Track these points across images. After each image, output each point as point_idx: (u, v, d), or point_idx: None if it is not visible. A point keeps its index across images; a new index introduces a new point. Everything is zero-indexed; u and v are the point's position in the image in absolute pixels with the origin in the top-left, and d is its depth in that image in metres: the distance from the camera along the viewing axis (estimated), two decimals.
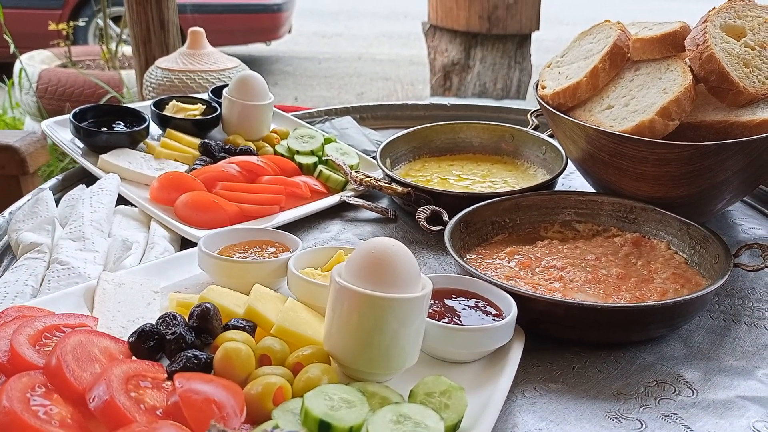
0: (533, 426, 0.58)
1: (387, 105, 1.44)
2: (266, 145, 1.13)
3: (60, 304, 0.62)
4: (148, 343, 0.54)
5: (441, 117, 1.43)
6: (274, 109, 1.25)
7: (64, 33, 3.78)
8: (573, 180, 1.15)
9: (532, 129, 1.18)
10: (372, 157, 1.16)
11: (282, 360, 0.55)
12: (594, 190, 1.02)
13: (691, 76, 0.85)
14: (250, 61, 7.67)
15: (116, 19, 5.05)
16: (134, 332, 0.55)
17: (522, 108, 1.40)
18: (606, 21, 1.01)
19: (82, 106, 1.05)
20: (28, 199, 0.86)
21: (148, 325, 0.55)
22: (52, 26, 3.77)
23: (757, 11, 0.90)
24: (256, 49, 7.10)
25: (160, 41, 2.45)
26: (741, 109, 0.84)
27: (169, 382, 0.50)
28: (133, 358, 0.54)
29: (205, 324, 0.56)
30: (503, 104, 1.46)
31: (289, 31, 6.53)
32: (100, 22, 5.07)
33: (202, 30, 1.38)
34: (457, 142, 1.22)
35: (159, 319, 0.58)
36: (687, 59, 0.87)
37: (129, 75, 3.53)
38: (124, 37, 4.11)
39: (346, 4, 11.32)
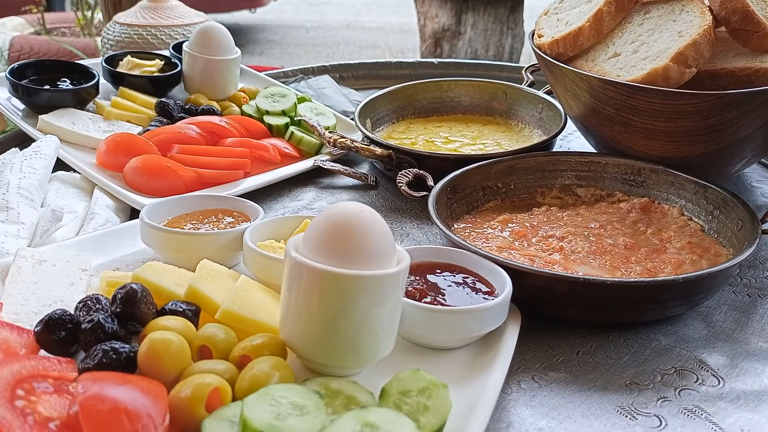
0: (532, 425, 0.49)
1: (369, 63, 1.32)
2: (232, 105, 1.02)
3: None
4: (59, 333, 0.44)
5: (428, 76, 1.30)
6: (244, 67, 1.13)
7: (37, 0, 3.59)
8: (572, 141, 1.05)
9: (527, 86, 1.07)
10: (351, 118, 1.05)
11: (226, 353, 0.45)
12: (597, 151, 0.92)
13: (711, 17, 0.74)
14: (236, 30, 7.47)
15: None
16: (41, 320, 0.44)
17: (516, 65, 1.29)
18: None
19: (21, 62, 0.93)
20: None
21: (59, 311, 0.45)
22: None
23: None
24: (241, 17, 6.89)
25: (131, 3, 2.30)
26: (766, 55, 0.73)
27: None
28: (41, 352, 0.44)
29: (131, 309, 0.46)
30: (496, 62, 1.35)
31: None
32: None
33: None
34: (445, 102, 1.10)
35: (79, 303, 0.47)
36: None
37: None
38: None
39: None
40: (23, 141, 0.89)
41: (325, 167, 0.90)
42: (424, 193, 0.75)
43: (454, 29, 4.63)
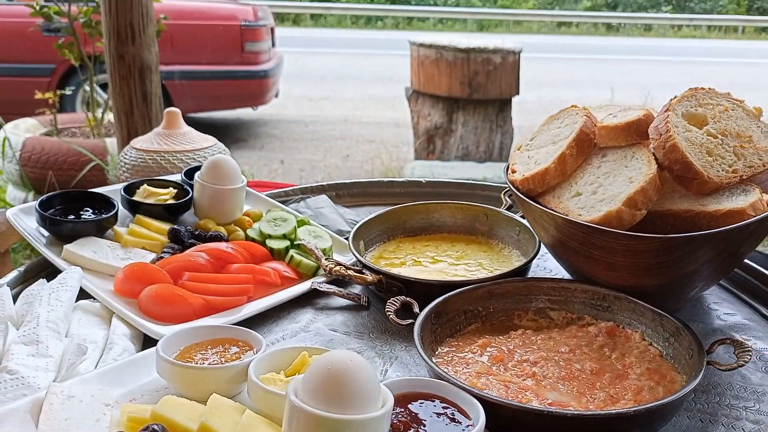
0: None
1: (363, 182, 1.45)
2: (238, 229, 1.12)
3: (4, 421, 0.59)
4: None
5: (416, 194, 1.43)
6: (249, 189, 1.24)
7: (51, 102, 3.81)
8: (548, 261, 1.14)
9: (506, 209, 1.18)
10: (345, 238, 1.15)
11: None
12: (568, 276, 1.01)
13: (656, 165, 0.85)
14: (238, 125, 7.80)
15: (105, 86, 5.13)
16: None
17: (497, 185, 1.41)
18: (573, 106, 1.03)
19: (49, 194, 1.04)
20: None
21: None
22: (39, 95, 3.81)
23: (718, 99, 0.92)
24: (243, 112, 7.22)
25: (142, 113, 2.48)
26: (707, 198, 0.84)
27: None
28: None
29: None
30: (478, 182, 1.47)
31: (276, 96, 6.66)
32: (88, 89, 5.14)
33: (178, 110, 1.39)
34: (432, 222, 1.21)
35: None
36: (651, 147, 0.88)
37: (113, 143, 3.55)
38: (111, 103, 4.16)
39: (332, 68, 11.65)
40: (47, 267, 0.98)
41: (322, 290, 0.99)
42: (410, 321, 0.83)
43: (446, 127, 4.89)
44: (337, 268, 0.97)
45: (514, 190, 0.96)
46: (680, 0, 24.42)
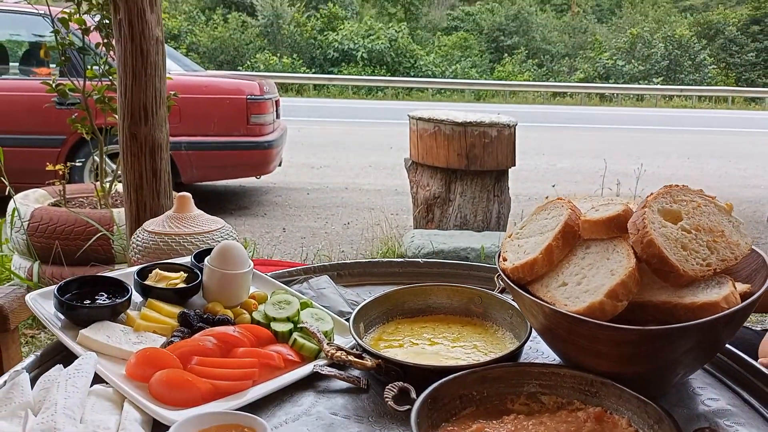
0: None
1: (363, 263, 1.51)
2: (244, 312, 1.18)
3: None
4: None
5: (415, 273, 1.49)
6: (255, 271, 1.30)
7: (61, 173, 3.94)
8: (540, 343, 1.19)
9: (499, 292, 1.24)
10: (346, 320, 1.20)
11: None
12: (559, 360, 1.06)
13: (635, 259, 0.92)
14: (241, 193, 7.95)
15: (112, 156, 5.30)
16: None
17: (491, 266, 1.47)
18: (558, 198, 1.11)
19: (67, 279, 1.10)
20: (5, 381, 0.88)
21: None
22: (50, 167, 3.94)
23: (691, 195, 1.00)
24: (247, 180, 7.39)
25: (152, 188, 2.58)
26: (684, 290, 0.90)
27: None
28: None
29: None
30: (474, 263, 1.54)
31: (279, 165, 6.83)
32: (97, 159, 5.29)
33: (188, 195, 1.48)
34: (429, 304, 1.27)
35: None
36: (631, 241, 0.95)
37: (120, 213, 3.64)
38: (120, 175, 4.29)
39: (334, 136, 11.99)
40: (63, 350, 1.03)
41: (323, 372, 1.04)
42: (408, 407, 0.87)
43: (444, 197, 5.01)
44: (338, 353, 1.02)
45: (505, 278, 1.03)
46: (671, 72, 25.34)
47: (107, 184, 4.04)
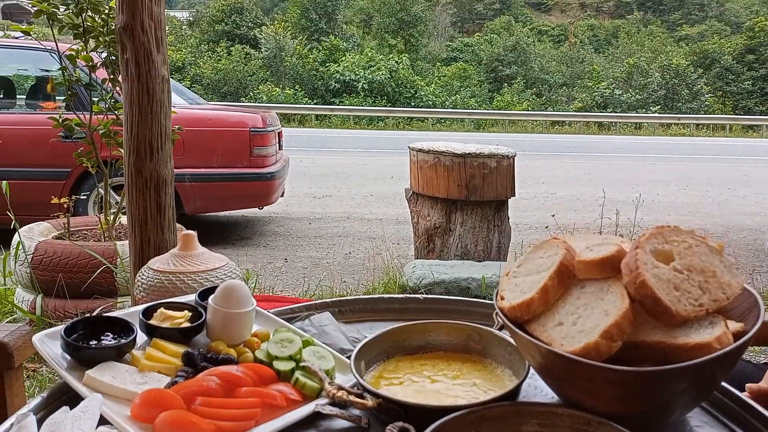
0: None
1: (364, 299, 1.53)
2: (247, 350, 1.19)
3: None
4: None
5: (415, 309, 1.52)
6: (258, 308, 1.33)
7: (66, 206, 3.98)
8: (539, 380, 1.20)
9: (497, 329, 1.26)
10: (347, 357, 1.22)
11: None
12: (557, 398, 1.07)
13: (629, 299, 0.94)
14: (243, 223, 7.97)
15: (117, 188, 5.35)
16: None
17: (491, 303, 1.49)
18: (554, 238, 1.13)
19: (74, 320, 1.12)
20: (12, 424, 0.90)
21: None
22: (55, 200, 3.98)
23: (683, 236, 1.03)
24: (249, 210, 7.44)
25: (156, 223, 2.61)
26: (677, 330, 0.92)
27: None
28: None
29: None
30: (474, 299, 1.56)
31: (282, 195, 6.88)
32: (101, 191, 5.33)
33: (194, 233, 1.51)
34: (429, 341, 1.29)
35: None
36: (624, 281, 0.97)
37: (124, 246, 3.67)
38: (124, 208, 4.33)
39: (336, 166, 12.08)
40: (68, 391, 1.05)
41: (324, 412, 1.05)
42: None
43: (445, 227, 5.04)
44: (340, 393, 1.04)
45: (503, 317, 1.05)
46: (668, 100, 25.63)
47: (111, 217, 4.08)
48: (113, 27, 3.60)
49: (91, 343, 1.10)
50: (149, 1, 2.38)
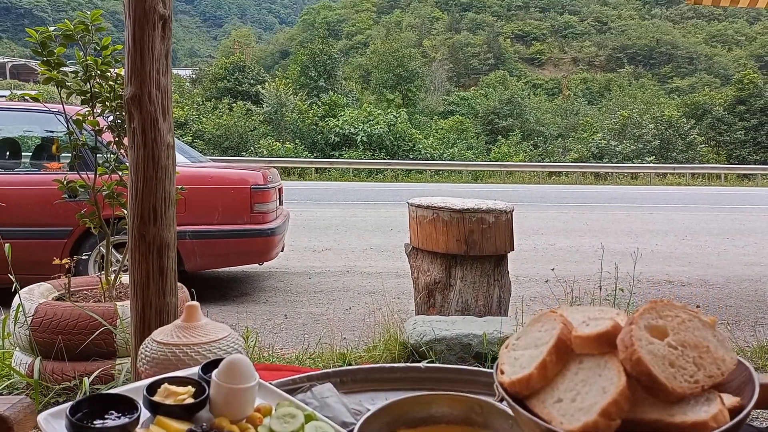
0: None
1: (365, 368, 1.54)
2: (250, 426, 1.20)
3: None
4: None
5: (416, 378, 1.52)
6: (260, 381, 1.34)
7: (67, 267, 4.00)
8: None
9: (498, 401, 1.27)
10: (349, 431, 1.22)
11: None
12: None
13: (625, 376, 0.96)
14: (243, 279, 7.95)
15: (117, 246, 5.38)
16: None
17: (491, 372, 1.50)
18: (551, 311, 1.16)
19: (79, 399, 1.13)
20: None
21: None
22: (56, 261, 4.01)
23: (676, 311, 1.05)
24: (249, 267, 7.45)
25: (158, 286, 2.63)
26: (675, 407, 0.94)
27: None
28: None
29: None
30: (476, 368, 1.57)
31: (282, 250, 6.90)
32: (102, 249, 5.35)
33: (197, 304, 1.53)
34: (431, 413, 1.29)
35: None
36: (620, 357, 0.99)
37: (124, 306, 3.68)
38: (125, 262, 4.34)
39: (335, 219, 12.16)
40: None
41: None
42: None
43: (445, 282, 5.05)
44: None
45: (502, 392, 1.06)
46: (663, 150, 26.04)
47: (112, 276, 4.09)
48: (120, 92, 3.73)
49: (95, 422, 1.11)
50: (157, 72, 2.48)
